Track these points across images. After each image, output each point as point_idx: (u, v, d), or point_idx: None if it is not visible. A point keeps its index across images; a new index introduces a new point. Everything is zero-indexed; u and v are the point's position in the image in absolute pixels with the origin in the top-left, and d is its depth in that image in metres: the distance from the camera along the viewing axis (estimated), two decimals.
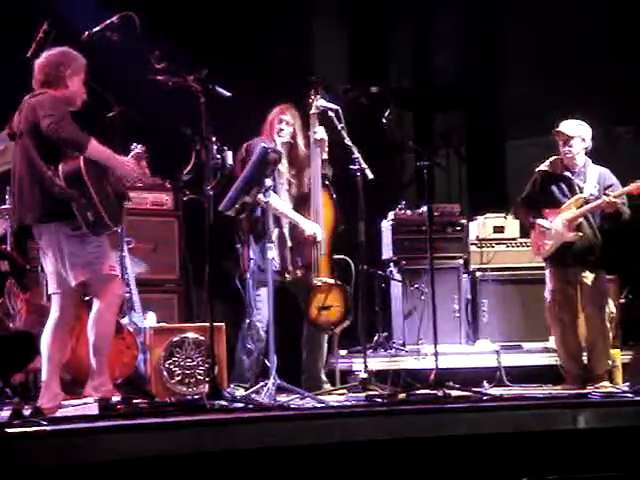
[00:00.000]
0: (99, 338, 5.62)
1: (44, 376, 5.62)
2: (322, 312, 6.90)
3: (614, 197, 7.05)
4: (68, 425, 4.86)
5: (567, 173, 7.30)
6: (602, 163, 7.36)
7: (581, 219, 7.19)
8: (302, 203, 7.03)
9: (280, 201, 6.82)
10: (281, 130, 6.99)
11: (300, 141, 7.03)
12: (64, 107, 5.55)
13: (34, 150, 5.53)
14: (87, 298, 5.88)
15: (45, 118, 5.44)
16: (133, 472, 4.58)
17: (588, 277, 7.24)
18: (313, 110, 7.00)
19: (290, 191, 7.04)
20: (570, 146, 7.26)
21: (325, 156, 7.04)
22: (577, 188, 7.25)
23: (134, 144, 5.83)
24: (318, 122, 6.99)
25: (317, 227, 6.93)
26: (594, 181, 7.25)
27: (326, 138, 7.00)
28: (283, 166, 6.90)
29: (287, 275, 6.91)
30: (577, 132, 7.25)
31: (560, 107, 8.72)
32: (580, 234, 7.17)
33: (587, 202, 7.19)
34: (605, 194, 7.09)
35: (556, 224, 7.22)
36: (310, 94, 7.00)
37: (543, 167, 7.45)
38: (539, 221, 7.31)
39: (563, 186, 7.30)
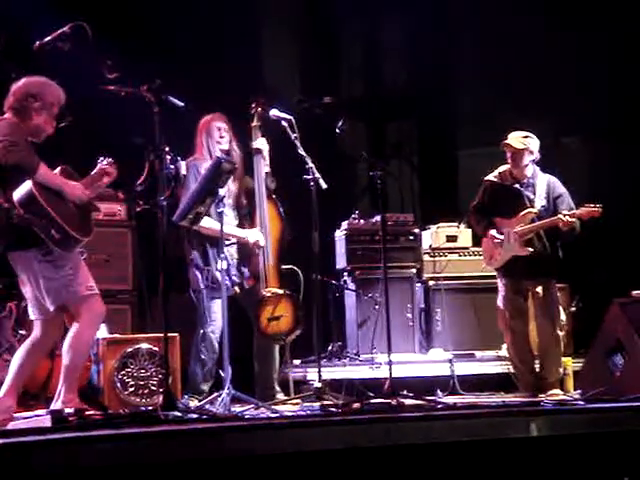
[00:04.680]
0: (75, 357, 5.61)
1: (3, 389, 5.59)
2: (272, 322, 6.89)
3: (570, 217, 7.11)
4: (20, 438, 4.80)
5: (516, 185, 7.36)
6: (550, 171, 7.43)
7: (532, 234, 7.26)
8: (244, 213, 7.05)
9: (212, 221, 6.63)
10: (222, 138, 6.99)
11: (235, 148, 7.03)
12: (21, 134, 5.51)
13: None
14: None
15: None
16: None
17: (539, 287, 7.30)
18: (255, 122, 7.02)
19: (234, 202, 7.04)
20: (518, 158, 7.31)
21: (267, 169, 7.06)
22: (527, 201, 7.31)
23: (101, 158, 5.83)
24: (260, 134, 7.02)
25: (257, 233, 6.93)
26: (543, 192, 7.32)
27: (267, 149, 7.02)
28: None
29: (237, 289, 6.89)
30: (525, 144, 7.31)
31: (511, 117, 8.82)
32: (530, 249, 7.23)
33: (538, 216, 7.26)
34: (561, 213, 7.15)
35: (507, 237, 7.27)
36: (252, 106, 7.02)
37: (491, 177, 7.50)
38: (491, 232, 7.36)
39: (513, 199, 7.35)
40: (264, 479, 4.95)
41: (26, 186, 5.44)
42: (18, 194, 5.45)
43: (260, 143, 7.04)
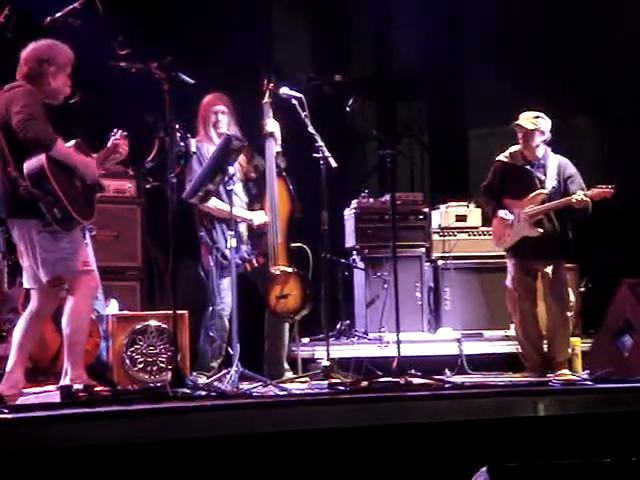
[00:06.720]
0: (75, 332, 5.59)
1: (9, 364, 5.59)
2: (280, 301, 6.90)
3: (585, 197, 7.09)
4: (29, 413, 4.83)
5: (527, 166, 7.34)
6: (561, 153, 7.41)
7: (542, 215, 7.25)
8: (254, 193, 7.05)
9: (219, 202, 6.69)
10: (218, 122, 6.96)
11: (236, 130, 6.99)
12: (38, 103, 5.48)
13: (5, 146, 5.48)
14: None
15: (16, 115, 5.39)
16: (95, 460, 4.56)
17: (548, 268, 7.30)
18: (266, 99, 6.99)
19: (244, 181, 7.04)
20: (529, 139, 7.29)
21: (279, 148, 7.04)
22: (537, 182, 7.30)
23: (114, 130, 5.82)
24: (271, 111, 7.00)
25: (263, 215, 6.93)
26: (554, 173, 7.30)
27: (278, 129, 7.00)
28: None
29: (247, 266, 6.90)
30: (536, 125, 7.28)
31: (522, 97, 8.78)
32: (541, 230, 7.22)
33: (549, 197, 7.24)
34: (573, 193, 7.13)
35: (518, 218, 7.26)
36: (263, 83, 6.99)
37: (503, 158, 7.48)
38: (500, 212, 7.35)
39: (523, 179, 7.33)
40: (271, 457, 4.96)
41: (38, 160, 5.40)
42: (29, 166, 5.40)
43: (271, 125, 7.01)
